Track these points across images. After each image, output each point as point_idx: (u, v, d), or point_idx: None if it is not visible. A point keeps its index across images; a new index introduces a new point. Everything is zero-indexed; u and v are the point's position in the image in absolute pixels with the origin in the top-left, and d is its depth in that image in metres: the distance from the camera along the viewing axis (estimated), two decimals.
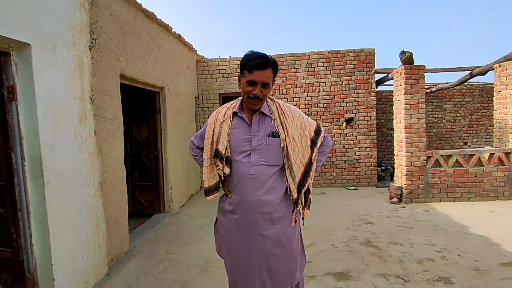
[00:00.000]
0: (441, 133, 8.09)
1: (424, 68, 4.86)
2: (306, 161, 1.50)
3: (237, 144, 1.47)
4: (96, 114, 2.77)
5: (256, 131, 1.46)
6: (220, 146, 1.47)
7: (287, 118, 1.48)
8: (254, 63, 1.36)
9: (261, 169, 1.44)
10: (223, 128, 1.48)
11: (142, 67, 3.82)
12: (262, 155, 1.44)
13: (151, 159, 4.69)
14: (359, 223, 4.02)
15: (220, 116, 1.53)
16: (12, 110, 2.05)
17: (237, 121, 1.50)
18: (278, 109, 1.50)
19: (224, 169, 1.47)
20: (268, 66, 1.38)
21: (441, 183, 4.88)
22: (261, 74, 1.37)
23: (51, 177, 2.18)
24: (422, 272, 2.67)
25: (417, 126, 4.87)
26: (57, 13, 2.32)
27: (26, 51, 2.04)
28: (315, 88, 6.25)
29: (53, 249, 2.18)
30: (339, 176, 6.31)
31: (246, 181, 1.45)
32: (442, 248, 3.14)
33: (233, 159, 1.48)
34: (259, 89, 1.38)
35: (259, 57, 1.38)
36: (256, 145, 1.45)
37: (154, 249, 3.41)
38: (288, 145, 1.45)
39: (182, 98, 5.41)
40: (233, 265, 1.56)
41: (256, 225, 1.47)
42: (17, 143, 2.08)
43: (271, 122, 1.48)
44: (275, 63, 1.43)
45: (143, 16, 3.90)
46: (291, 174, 1.48)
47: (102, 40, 2.93)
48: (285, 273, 1.50)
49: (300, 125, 1.51)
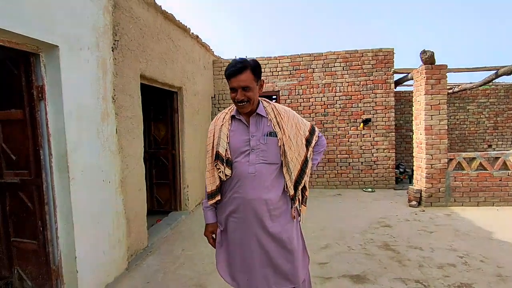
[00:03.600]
0: (464, 135, 7.80)
1: (446, 68, 4.71)
2: (302, 159, 1.57)
3: (237, 145, 1.53)
4: (117, 113, 2.86)
5: (254, 131, 1.53)
6: (220, 149, 1.52)
7: (283, 118, 1.55)
8: (229, 72, 1.45)
9: (261, 168, 1.50)
10: (222, 132, 1.55)
11: (161, 67, 3.90)
12: (261, 154, 1.51)
13: (168, 158, 4.78)
14: (377, 225, 3.95)
15: (219, 121, 1.60)
16: (41, 109, 2.15)
17: (236, 123, 1.57)
18: (274, 110, 1.56)
19: (225, 170, 1.52)
20: (243, 70, 1.44)
21: (464, 187, 4.71)
22: (237, 79, 1.44)
23: (76, 173, 2.27)
24: (442, 277, 2.59)
25: (438, 127, 4.72)
26: (83, 16, 2.41)
27: (55, 52, 2.14)
28: (331, 88, 6.18)
29: (77, 243, 2.27)
30: (355, 178, 6.21)
31: (246, 179, 1.50)
32: (464, 253, 3.04)
33: (234, 160, 1.53)
34: (240, 94, 1.45)
35: (234, 64, 1.45)
36: (255, 144, 1.51)
37: (171, 246, 3.48)
38: (285, 144, 1.51)
39: (199, 98, 5.49)
40: (235, 264, 1.58)
41: (257, 223, 1.51)
42: (45, 141, 2.18)
43: (268, 123, 1.54)
44: (253, 64, 1.46)
45: (162, 17, 3.99)
46: (288, 172, 1.54)
47: (124, 41, 3.02)
48: (288, 270, 1.54)
49: (295, 125, 1.58)
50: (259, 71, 1.49)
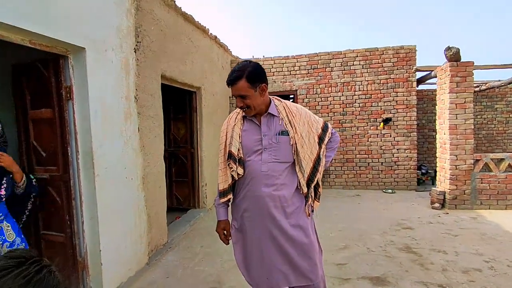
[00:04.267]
0: (491, 135, 7.44)
1: (472, 65, 4.51)
2: (314, 157, 1.58)
3: (249, 144, 1.55)
4: (139, 113, 2.95)
5: (266, 131, 1.55)
6: (233, 148, 1.55)
7: (294, 117, 1.56)
8: (226, 81, 1.52)
9: (273, 166, 1.52)
10: (234, 131, 1.57)
11: (181, 67, 3.98)
12: (273, 153, 1.53)
13: (187, 156, 4.88)
14: (397, 227, 3.85)
15: (232, 121, 1.63)
16: (69, 108, 2.26)
17: (248, 123, 1.60)
18: (286, 109, 1.59)
19: (237, 169, 1.54)
20: (237, 80, 1.47)
21: (491, 189, 4.50)
22: (234, 89, 1.49)
23: (100, 170, 2.36)
24: (467, 282, 2.49)
25: (463, 127, 4.53)
26: (108, 19, 2.50)
27: (82, 54, 2.24)
28: (350, 87, 6.08)
29: (101, 237, 2.36)
30: (375, 179, 6.07)
31: (258, 178, 1.53)
32: (490, 258, 2.91)
33: (246, 160, 1.56)
34: (239, 101, 1.51)
35: (230, 73, 1.50)
36: (267, 144, 1.53)
37: (190, 242, 3.54)
38: (297, 142, 1.52)
39: (217, 97, 5.55)
40: (253, 262, 1.59)
41: (272, 220, 1.53)
42: (73, 138, 2.29)
43: (279, 122, 1.56)
44: (249, 71, 1.46)
45: (182, 19, 4.07)
46: (300, 170, 1.55)
47: (146, 42, 3.11)
48: (306, 266, 1.55)
49: (307, 122, 1.59)
50: (257, 77, 1.49)
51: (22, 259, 0.65)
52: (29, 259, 0.66)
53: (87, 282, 2.38)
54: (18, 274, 0.62)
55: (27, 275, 0.63)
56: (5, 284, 0.60)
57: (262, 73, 1.53)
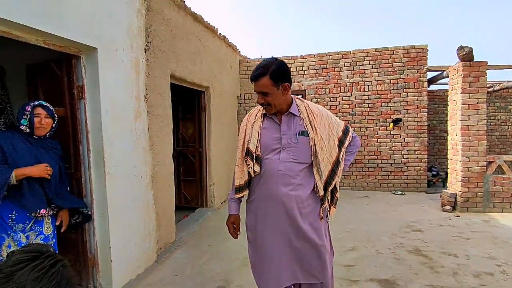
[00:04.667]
0: (505, 137, 7.26)
1: (486, 65, 4.41)
2: (333, 160, 1.56)
3: (268, 142, 1.55)
4: (149, 112, 2.98)
5: (286, 130, 1.54)
6: (251, 145, 1.55)
7: (315, 118, 1.55)
8: (250, 77, 1.52)
9: (290, 166, 1.52)
10: (254, 128, 1.57)
11: (190, 67, 4.01)
12: (291, 153, 1.52)
13: (195, 156, 4.91)
14: (407, 229, 3.79)
15: (252, 118, 1.62)
16: (81, 107, 2.30)
17: (268, 121, 1.59)
18: (307, 109, 1.57)
19: (254, 167, 1.54)
20: (261, 76, 1.46)
21: (504, 192, 4.39)
22: (256, 85, 1.49)
23: (111, 168, 2.40)
24: (479, 286, 2.44)
25: (476, 128, 4.44)
26: (119, 19, 2.54)
27: (93, 54, 2.28)
28: (360, 87, 6.02)
29: (111, 234, 2.40)
30: (384, 180, 6.00)
31: (275, 177, 1.52)
32: (502, 262, 2.84)
33: (263, 157, 1.55)
34: (260, 98, 1.50)
35: (255, 69, 1.49)
36: (286, 143, 1.52)
37: (198, 241, 3.57)
38: (316, 144, 1.51)
39: (226, 97, 5.58)
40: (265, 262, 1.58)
41: (287, 219, 1.53)
42: (84, 137, 2.33)
43: (300, 122, 1.55)
44: (274, 69, 1.45)
45: (192, 19, 4.09)
46: (318, 172, 1.54)
47: (156, 42, 3.14)
48: (316, 266, 1.55)
49: (328, 124, 1.57)
50: (280, 76, 1.47)
51: (37, 253, 0.67)
52: (44, 253, 0.68)
53: (97, 278, 2.42)
54: (33, 267, 0.64)
55: (42, 269, 0.65)
56: (21, 277, 0.62)
57: (287, 72, 1.51)
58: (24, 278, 0.62)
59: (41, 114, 1.84)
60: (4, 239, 1.79)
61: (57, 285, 0.65)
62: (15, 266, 0.64)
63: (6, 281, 0.61)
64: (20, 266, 0.63)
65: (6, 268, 0.63)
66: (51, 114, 1.90)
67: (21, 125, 1.83)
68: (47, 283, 0.64)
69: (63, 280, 0.67)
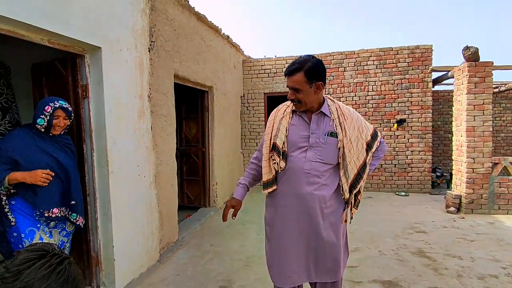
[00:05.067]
0: (511, 138, 7.18)
1: (492, 65, 4.37)
2: (360, 164, 1.55)
3: (295, 140, 1.53)
4: (152, 111, 2.99)
5: (315, 129, 1.53)
6: (278, 141, 1.54)
7: (346, 120, 1.54)
8: (284, 72, 1.51)
9: (316, 166, 1.51)
10: (282, 124, 1.56)
11: (194, 67, 4.01)
12: (318, 153, 1.51)
13: (198, 155, 4.91)
14: (410, 231, 3.77)
15: (280, 113, 1.61)
16: (85, 106, 2.31)
17: (297, 118, 1.58)
18: (338, 110, 1.56)
19: (280, 163, 1.52)
20: (295, 72, 1.45)
21: (510, 194, 4.35)
22: (290, 80, 1.48)
23: (114, 168, 2.41)
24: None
25: (481, 129, 4.40)
26: (123, 19, 2.55)
27: (98, 54, 2.29)
28: (364, 87, 5.99)
29: (114, 233, 2.40)
30: (388, 181, 5.97)
31: (299, 175, 1.51)
32: (508, 264, 2.81)
33: (289, 154, 1.54)
34: (291, 93, 1.50)
35: (291, 64, 1.48)
36: (314, 142, 1.51)
37: (200, 241, 3.57)
38: (345, 146, 1.50)
39: (229, 97, 5.58)
40: (280, 256, 1.59)
41: (308, 218, 1.53)
42: (88, 136, 2.34)
43: (330, 122, 1.53)
44: (309, 66, 1.44)
45: (195, 19, 4.10)
46: (345, 174, 1.53)
47: (159, 42, 3.14)
48: (330, 266, 1.56)
49: (357, 127, 1.56)
50: (315, 74, 1.46)
51: (43, 252, 0.67)
52: (50, 252, 0.68)
53: (100, 277, 2.43)
54: (41, 265, 0.64)
55: (49, 267, 0.65)
56: (29, 275, 0.62)
57: (322, 71, 1.50)
58: (32, 276, 0.62)
59: (61, 116, 1.83)
60: (35, 233, 1.79)
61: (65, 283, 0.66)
62: (23, 265, 0.64)
63: (13, 280, 0.62)
64: (28, 265, 0.63)
65: (13, 267, 0.63)
66: (70, 115, 1.90)
67: (36, 124, 1.79)
68: (55, 280, 0.64)
69: (70, 277, 0.67)
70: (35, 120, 1.80)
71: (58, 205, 1.86)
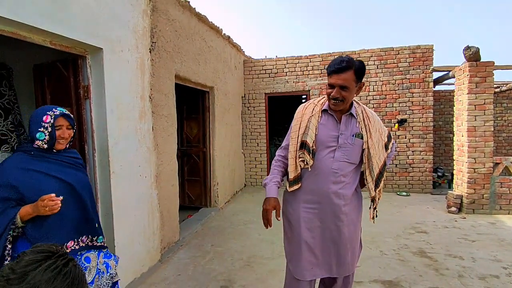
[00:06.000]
0: None
1: (492, 65, 4.36)
2: (381, 163, 1.63)
3: (324, 139, 1.57)
4: (153, 112, 3.00)
5: (344, 130, 1.57)
6: (308, 139, 1.57)
7: (370, 122, 1.60)
8: (333, 68, 1.48)
9: (343, 165, 1.56)
10: (311, 122, 1.58)
11: (195, 67, 4.02)
12: (345, 153, 1.56)
13: (199, 156, 4.92)
14: (411, 231, 3.76)
15: (308, 111, 1.63)
16: (87, 107, 2.32)
17: (326, 118, 1.61)
18: (363, 113, 1.62)
19: (309, 161, 1.56)
20: (346, 70, 1.46)
21: (511, 194, 4.33)
22: (339, 77, 1.46)
23: (115, 168, 2.42)
24: None
25: (482, 129, 4.39)
26: (124, 20, 2.56)
27: (99, 54, 2.30)
28: (364, 87, 5.98)
29: (116, 233, 2.41)
30: (389, 181, 5.96)
31: (327, 174, 1.56)
32: (509, 264, 2.81)
33: (318, 153, 1.57)
34: (337, 91, 1.48)
35: (339, 62, 1.47)
36: (343, 143, 1.56)
37: (201, 241, 3.58)
38: (370, 147, 1.57)
39: (230, 97, 5.58)
40: (303, 250, 1.62)
41: (332, 216, 1.59)
42: (89, 136, 2.35)
43: (356, 124, 1.58)
44: (357, 66, 1.48)
45: (196, 19, 4.11)
46: (370, 174, 1.61)
47: (160, 43, 3.15)
48: (349, 260, 1.62)
49: (378, 130, 1.63)
50: (362, 74, 1.51)
51: (49, 253, 0.67)
52: (55, 253, 0.68)
53: None
54: (47, 267, 0.64)
55: (55, 268, 0.64)
56: (35, 277, 0.62)
57: (365, 72, 1.55)
58: (38, 278, 0.62)
59: (63, 126, 1.48)
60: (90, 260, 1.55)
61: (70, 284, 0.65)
62: (28, 266, 0.63)
63: (19, 281, 0.61)
64: (34, 266, 0.63)
65: (19, 269, 0.63)
66: (73, 124, 1.54)
67: (36, 140, 1.42)
68: (61, 282, 0.64)
69: (75, 279, 0.67)
70: (33, 136, 1.43)
71: (74, 236, 1.51)
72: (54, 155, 1.50)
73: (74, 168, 1.56)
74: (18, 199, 1.38)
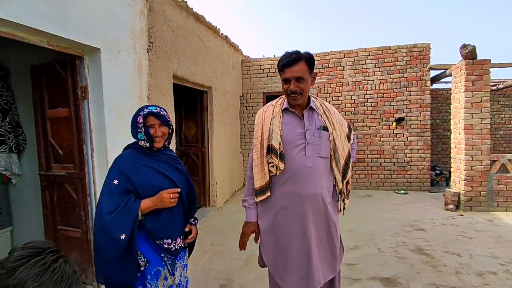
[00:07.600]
0: (509, 136, 7.21)
1: (489, 63, 4.39)
2: (346, 154, 1.60)
3: (291, 137, 1.51)
4: None
5: (308, 125, 1.53)
6: (274, 142, 1.48)
7: (331, 114, 1.58)
8: (284, 62, 1.45)
9: (316, 161, 1.50)
10: (274, 124, 1.52)
11: (192, 67, 4.03)
12: (315, 148, 1.51)
13: (198, 155, 4.93)
14: (409, 228, 3.79)
15: (268, 114, 1.57)
16: (85, 107, 2.33)
17: (288, 116, 1.55)
18: (322, 106, 1.60)
19: (279, 164, 1.47)
20: (297, 61, 1.44)
21: (508, 191, 4.37)
22: (292, 70, 1.44)
23: None
24: (482, 285, 2.43)
25: (479, 127, 4.42)
26: (121, 20, 2.56)
27: (96, 55, 2.30)
28: (362, 86, 6.01)
29: None
30: (387, 179, 5.99)
31: (302, 174, 1.48)
32: (506, 261, 2.83)
33: (287, 153, 1.50)
34: (294, 85, 1.45)
35: (288, 55, 1.45)
36: (310, 138, 1.51)
37: (200, 240, 3.57)
38: (335, 138, 1.53)
39: (228, 97, 5.59)
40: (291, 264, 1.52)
41: (314, 218, 1.51)
42: (88, 137, 2.36)
43: (319, 117, 1.55)
44: (307, 57, 1.46)
45: (193, 19, 4.11)
46: (337, 165, 1.56)
47: (158, 43, 3.16)
48: (332, 261, 1.57)
49: (339, 121, 1.61)
50: (313, 63, 1.50)
51: (39, 249, 0.67)
52: (46, 249, 0.68)
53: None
54: (35, 263, 0.64)
55: (43, 264, 0.65)
56: (23, 272, 0.62)
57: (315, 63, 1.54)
58: (25, 273, 0.62)
59: (155, 124, 1.48)
60: (160, 273, 1.47)
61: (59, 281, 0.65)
62: (17, 261, 0.64)
63: (8, 276, 0.62)
64: (22, 262, 0.63)
65: (8, 264, 0.63)
66: (165, 121, 1.50)
67: (139, 141, 1.47)
68: (48, 278, 0.64)
69: (64, 275, 0.66)
70: (136, 137, 1.50)
71: (180, 233, 1.54)
72: (157, 153, 1.52)
73: (176, 168, 1.57)
74: (134, 191, 1.42)
